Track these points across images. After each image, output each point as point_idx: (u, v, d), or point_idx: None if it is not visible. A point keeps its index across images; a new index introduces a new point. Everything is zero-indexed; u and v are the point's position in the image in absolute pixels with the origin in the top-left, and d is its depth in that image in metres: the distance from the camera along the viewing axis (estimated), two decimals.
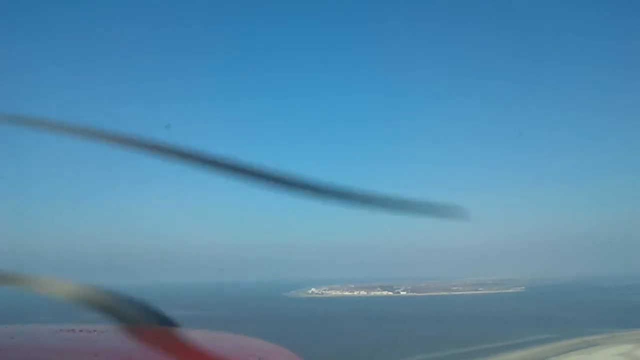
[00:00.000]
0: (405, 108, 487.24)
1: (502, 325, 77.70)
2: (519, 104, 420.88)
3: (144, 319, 1.71)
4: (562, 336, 66.39)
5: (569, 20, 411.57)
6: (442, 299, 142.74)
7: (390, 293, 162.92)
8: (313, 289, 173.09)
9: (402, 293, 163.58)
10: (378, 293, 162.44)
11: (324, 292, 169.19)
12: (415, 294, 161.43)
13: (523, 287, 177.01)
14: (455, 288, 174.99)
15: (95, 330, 2.02)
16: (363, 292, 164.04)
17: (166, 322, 1.83)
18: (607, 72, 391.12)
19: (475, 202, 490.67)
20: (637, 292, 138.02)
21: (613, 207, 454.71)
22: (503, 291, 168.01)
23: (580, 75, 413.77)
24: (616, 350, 55.25)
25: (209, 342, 1.92)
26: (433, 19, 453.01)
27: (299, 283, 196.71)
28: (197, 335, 1.94)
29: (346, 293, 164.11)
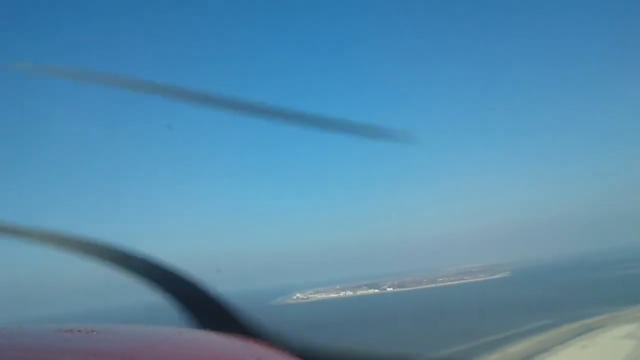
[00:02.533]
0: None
1: (496, 315, 74.52)
2: (502, 94, 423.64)
3: (147, 273, 1.82)
4: (560, 321, 63.28)
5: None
6: (430, 292, 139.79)
7: (377, 291, 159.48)
8: (298, 294, 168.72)
9: (388, 289, 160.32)
10: (364, 292, 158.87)
11: (309, 296, 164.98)
12: (402, 289, 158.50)
13: (509, 272, 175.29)
14: (441, 279, 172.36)
15: (94, 331, 2.00)
16: (349, 293, 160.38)
17: (161, 273, 1.88)
18: None
19: (457, 189, 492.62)
20: (623, 267, 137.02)
21: (591, 185, 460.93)
22: (490, 278, 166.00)
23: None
24: (620, 332, 52.13)
25: (208, 343, 1.98)
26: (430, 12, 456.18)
27: (285, 289, 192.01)
28: (196, 336, 2.00)
29: (332, 295, 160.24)
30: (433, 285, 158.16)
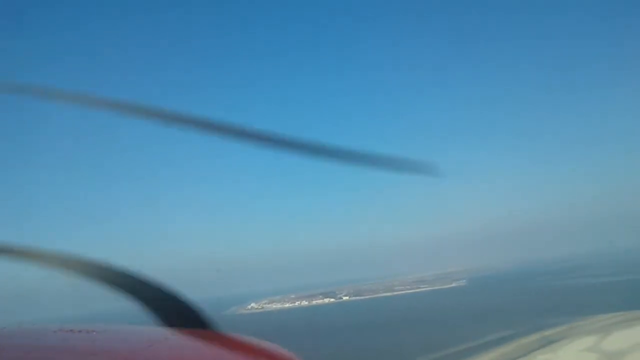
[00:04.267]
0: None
1: (455, 326, 72.91)
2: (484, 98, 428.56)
3: (148, 295, 1.85)
4: (518, 333, 62.03)
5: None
6: (386, 301, 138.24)
7: (333, 300, 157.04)
8: (253, 304, 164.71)
9: (344, 298, 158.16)
10: (320, 301, 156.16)
11: (264, 306, 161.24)
12: (357, 297, 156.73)
13: (464, 281, 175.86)
14: (397, 288, 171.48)
15: (94, 331, 1.98)
16: (304, 302, 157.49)
17: (167, 297, 1.91)
18: None
19: (414, 196, 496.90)
20: (579, 275, 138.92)
21: (545, 194, 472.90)
22: (445, 286, 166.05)
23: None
24: (581, 345, 50.91)
25: (208, 342, 2.00)
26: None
27: (241, 298, 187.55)
28: (196, 335, 2.01)
29: (287, 305, 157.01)
30: (390, 294, 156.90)
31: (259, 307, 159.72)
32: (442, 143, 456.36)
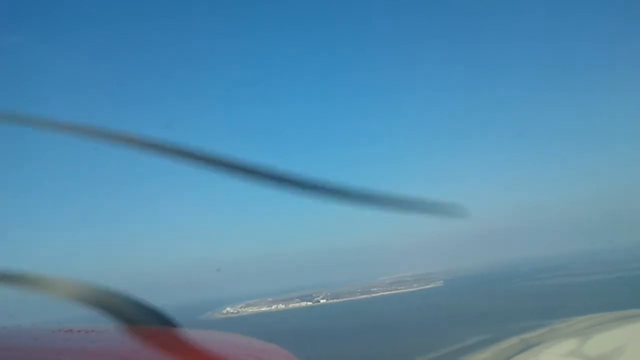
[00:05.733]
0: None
1: (432, 330, 71.15)
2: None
3: (143, 318, 1.83)
4: (497, 336, 60.44)
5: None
6: (364, 304, 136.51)
7: (310, 303, 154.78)
8: (228, 308, 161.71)
9: (321, 301, 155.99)
10: (297, 305, 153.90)
11: (240, 310, 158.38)
12: (335, 300, 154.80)
13: (441, 282, 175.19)
14: (375, 290, 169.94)
15: (94, 331, 1.98)
16: (281, 306, 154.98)
17: (166, 322, 1.91)
18: None
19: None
20: (553, 275, 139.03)
21: (521, 196, 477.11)
22: (423, 287, 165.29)
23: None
24: (562, 349, 49.42)
25: (208, 342, 2.00)
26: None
27: (217, 302, 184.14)
28: (195, 335, 2.02)
29: (264, 309, 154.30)
30: (367, 296, 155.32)
31: (235, 311, 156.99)
32: (428, 144, 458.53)
